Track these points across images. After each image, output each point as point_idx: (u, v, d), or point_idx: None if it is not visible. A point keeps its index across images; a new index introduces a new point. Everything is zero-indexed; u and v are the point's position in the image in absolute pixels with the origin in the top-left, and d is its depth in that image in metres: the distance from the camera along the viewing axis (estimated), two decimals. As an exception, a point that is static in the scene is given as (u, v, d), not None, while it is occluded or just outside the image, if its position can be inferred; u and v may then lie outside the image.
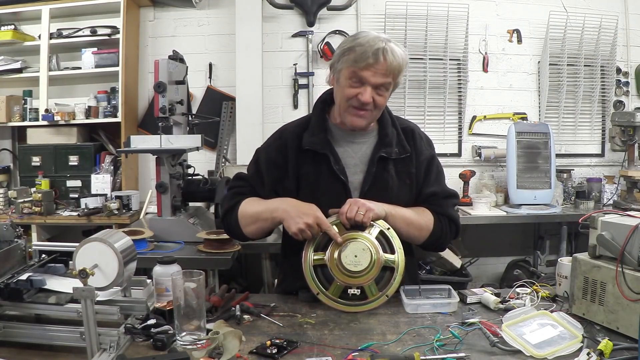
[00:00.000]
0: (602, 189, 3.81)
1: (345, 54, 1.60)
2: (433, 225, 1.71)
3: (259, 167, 1.76)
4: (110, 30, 3.72)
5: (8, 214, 3.36)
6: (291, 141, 1.72)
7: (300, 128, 1.74)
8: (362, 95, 1.59)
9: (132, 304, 1.33)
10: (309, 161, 1.70)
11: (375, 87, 1.59)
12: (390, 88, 1.63)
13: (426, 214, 1.72)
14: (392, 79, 1.60)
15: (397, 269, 1.56)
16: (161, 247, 2.54)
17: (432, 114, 4.00)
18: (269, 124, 3.87)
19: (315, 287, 1.55)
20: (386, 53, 1.55)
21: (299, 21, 3.93)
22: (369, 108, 1.62)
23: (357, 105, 1.61)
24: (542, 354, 1.21)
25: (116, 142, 3.76)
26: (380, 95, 1.61)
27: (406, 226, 1.66)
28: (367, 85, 1.58)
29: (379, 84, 1.59)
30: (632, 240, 1.31)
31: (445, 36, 3.91)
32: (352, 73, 1.59)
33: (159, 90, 2.64)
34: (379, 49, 1.55)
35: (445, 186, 1.80)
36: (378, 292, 1.55)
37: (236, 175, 1.83)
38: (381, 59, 1.55)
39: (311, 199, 1.65)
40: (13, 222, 1.48)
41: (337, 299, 1.54)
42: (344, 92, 1.62)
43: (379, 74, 1.57)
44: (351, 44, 1.59)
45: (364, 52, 1.55)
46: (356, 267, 1.50)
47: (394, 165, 1.71)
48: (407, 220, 1.66)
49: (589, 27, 3.95)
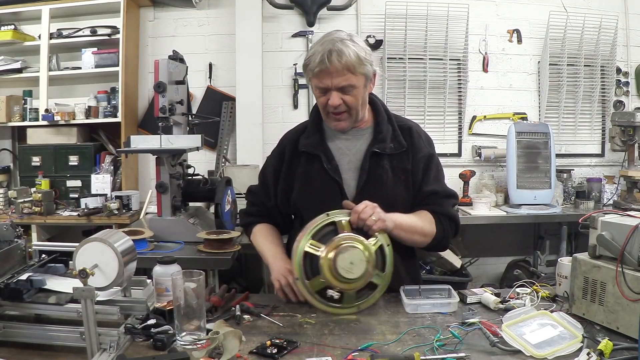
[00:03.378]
0: (602, 189, 3.81)
1: (307, 67, 1.65)
2: (436, 228, 1.72)
3: (264, 177, 1.88)
4: (110, 30, 3.72)
5: (8, 214, 3.36)
6: (289, 146, 1.80)
7: (298, 133, 1.82)
8: (330, 100, 1.63)
9: (132, 304, 1.33)
10: (303, 162, 1.75)
11: (339, 90, 1.62)
12: (356, 85, 1.63)
13: (428, 218, 1.72)
14: (350, 74, 1.60)
15: (379, 288, 1.54)
16: (161, 247, 2.54)
17: (432, 114, 4.00)
18: (269, 124, 3.87)
19: (297, 271, 1.52)
20: (331, 55, 1.57)
21: (299, 21, 3.93)
22: (343, 110, 1.66)
23: (332, 110, 1.66)
24: (542, 354, 1.21)
25: (116, 142, 3.76)
26: (348, 94, 1.63)
27: (411, 235, 1.68)
28: (331, 90, 1.62)
29: (339, 86, 1.61)
30: (632, 240, 1.31)
31: (445, 36, 3.91)
32: (315, 83, 1.65)
33: (159, 90, 2.63)
34: (324, 54, 1.58)
35: (445, 186, 1.80)
36: (354, 302, 1.52)
37: (249, 188, 1.95)
38: (328, 64, 1.58)
39: (306, 199, 1.72)
40: (13, 222, 1.48)
41: (313, 293, 1.51)
42: (319, 102, 1.69)
43: (335, 76, 1.60)
44: (308, 55, 1.65)
45: (314, 60, 1.60)
46: (348, 274, 1.46)
47: (389, 161, 1.72)
48: (412, 229, 1.67)
49: (589, 27, 3.95)
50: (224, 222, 2.70)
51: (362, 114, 1.73)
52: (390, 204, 1.69)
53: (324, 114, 1.71)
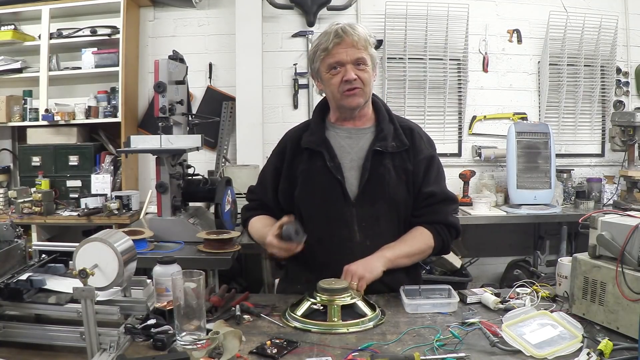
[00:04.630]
0: (602, 189, 3.81)
1: (315, 54, 1.70)
2: (433, 242, 1.73)
3: (262, 176, 1.89)
4: (110, 30, 3.72)
5: (8, 214, 3.36)
6: (290, 143, 1.79)
7: (300, 131, 1.81)
8: (347, 75, 1.65)
9: (132, 304, 1.33)
10: (305, 159, 1.74)
11: (354, 64, 1.65)
12: (368, 62, 1.67)
13: (424, 235, 1.73)
14: (365, 50, 1.66)
15: (369, 320, 1.45)
16: (161, 247, 2.54)
17: (432, 114, 4.00)
18: (269, 124, 3.87)
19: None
20: (345, 29, 1.64)
21: (299, 21, 3.93)
22: (358, 85, 1.67)
23: (347, 87, 1.67)
24: (542, 354, 1.21)
25: (116, 142, 3.76)
26: (361, 70, 1.67)
27: (409, 259, 1.72)
28: (346, 64, 1.65)
29: (355, 58, 1.65)
30: (632, 240, 1.31)
31: (445, 36, 3.91)
32: (328, 63, 1.66)
33: (159, 90, 2.63)
34: (337, 29, 1.64)
35: (445, 188, 1.79)
36: (340, 321, 1.42)
37: (249, 188, 1.96)
38: (344, 36, 1.63)
39: (307, 196, 1.72)
40: (13, 222, 1.48)
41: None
42: (331, 84, 1.69)
43: (350, 49, 1.64)
44: (315, 44, 1.70)
45: (327, 39, 1.65)
46: (329, 285, 1.48)
47: (391, 160, 1.72)
48: (408, 255, 1.71)
49: (589, 27, 3.95)
50: (224, 222, 2.70)
51: (370, 98, 1.76)
52: (392, 204, 1.69)
53: (337, 94, 1.69)
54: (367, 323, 1.43)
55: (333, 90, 1.69)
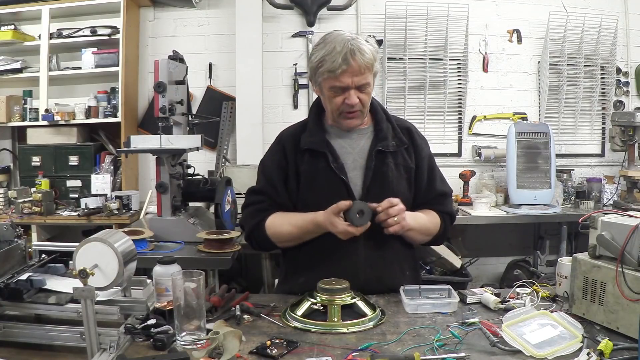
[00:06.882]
0: (602, 189, 3.81)
1: (319, 67, 1.65)
2: (439, 229, 1.81)
3: (268, 175, 1.80)
4: (110, 30, 3.72)
5: (8, 214, 3.36)
6: (289, 144, 1.78)
7: (297, 131, 1.81)
8: (349, 99, 1.65)
9: (132, 304, 1.33)
10: (307, 160, 1.74)
11: (357, 88, 1.65)
12: (371, 83, 1.68)
13: (436, 220, 1.80)
14: (369, 73, 1.65)
15: (369, 320, 1.45)
16: (161, 247, 2.54)
17: (432, 114, 4.00)
18: (269, 124, 3.87)
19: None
20: (354, 54, 1.60)
21: (299, 21, 3.93)
22: (358, 108, 1.68)
23: (347, 109, 1.68)
24: (542, 354, 1.21)
25: (116, 142, 3.76)
26: (363, 93, 1.67)
27: (422, 235, 1.77)
28: (349, 90, 1.64)
29: (359, 84, 1.64)
30: (632, 240, 1.31)
31: (445, 36, 3.91)
32: (332, 84, 1.65)
33: (159, 90, 2.63)
34: (346, 52, 1.59)
35: (448, 185, 1.89)
36: (340, 321, 1.42)
37: (250, 190, 1.85)
38: (351, 62, 1.60)
39: (311, 197, 1.71)
40: (13, 222, 1.48)
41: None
42: (332, 103, 1.69)
43: (356, 75, 1.62)
44: (321, 55, 1.63)
45: (334, 60, 1.60)
46: (330, 285, 1.48)
47: (392, 159, 1.75)
48: (424, 230, 1.77)
49: (589, 27, 3.95)
50: (224, 222, 2.70)
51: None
52: None
53: (335, 114, 1.71)
54: (367, 323, 1.43)
55: (333, 108, 1.70)
